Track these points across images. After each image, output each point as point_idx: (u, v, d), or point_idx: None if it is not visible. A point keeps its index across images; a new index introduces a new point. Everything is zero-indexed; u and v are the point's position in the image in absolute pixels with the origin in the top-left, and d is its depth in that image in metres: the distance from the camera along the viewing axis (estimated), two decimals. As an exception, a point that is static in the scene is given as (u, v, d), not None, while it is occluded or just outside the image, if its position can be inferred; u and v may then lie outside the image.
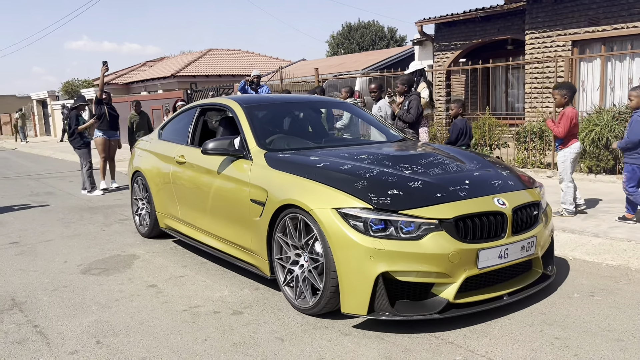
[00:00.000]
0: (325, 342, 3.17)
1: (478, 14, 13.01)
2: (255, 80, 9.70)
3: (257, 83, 9.71)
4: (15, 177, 12.89)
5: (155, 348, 3.18)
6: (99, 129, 9.40)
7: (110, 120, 9.48)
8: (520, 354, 2.94)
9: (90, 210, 7.84)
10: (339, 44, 44.87)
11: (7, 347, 3.28)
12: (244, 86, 9.83)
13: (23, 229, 6.70)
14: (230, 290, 4.14)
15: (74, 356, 3.12)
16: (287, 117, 5.15)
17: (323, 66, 22.73)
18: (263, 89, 9.91)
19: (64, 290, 4.30)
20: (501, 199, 3.48)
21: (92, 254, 5.37)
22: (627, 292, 3.80)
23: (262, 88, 9.92)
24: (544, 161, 8.71)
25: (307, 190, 3.53)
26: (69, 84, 34.66)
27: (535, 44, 11.43)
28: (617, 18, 10.12)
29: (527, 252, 3.54)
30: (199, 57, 30.57)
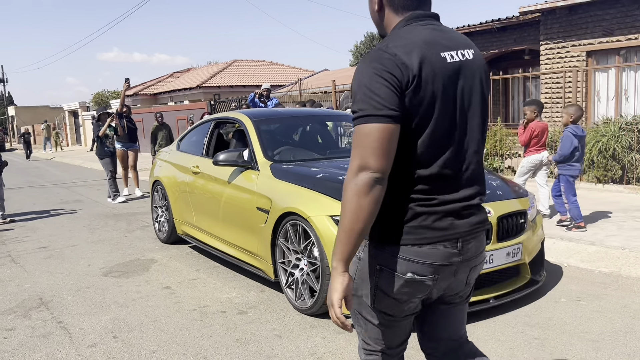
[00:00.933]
0: (320, 339, 3.44)
1: (494, 25, 13.17)
2: (264, 94, 9.96)
3: (266, 96, 9.98)
4: (46, 186, 13.50)
5: (165, 343, 3.50)
6: (118, 141, 9.97)
7: (129, 132, 10.17)
8: (498, 353, 3.17)
9: (114, 217, 8.27)
10: (362, 53, 45.26)
11: (33, 340, 3.64)
12: (253, 99, 10.08)
13: (52, 235, 7.15)
14: (238, 292, 4.45)
15: (92, 349, 3.46)
16: (294, 130, 5.46)
17: (344, 76, 23.07)
18: (272, 101, 10.21)
19: (86, 290, 4.67)
20: (487, 207, 3.71)
21: (113, 258, 5.75)
22: (613, 298, 3.98)
23: (272, 101, 10.21)
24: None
25: (306, 199, 3.82)
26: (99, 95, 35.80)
27: (550, 54, 11.54)
28: (630, 28, 10.19)
29: (512, 258, 3.76)
30: (224, 67, 31.28)
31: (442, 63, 1.61)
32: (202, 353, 3.32)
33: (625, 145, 7.52)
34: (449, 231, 1.66)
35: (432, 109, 1.59)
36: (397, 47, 1.58)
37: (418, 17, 1.68)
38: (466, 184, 1.71)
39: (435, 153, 1.63)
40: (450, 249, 1.67)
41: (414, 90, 1.55)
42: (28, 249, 6.39)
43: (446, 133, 1.64)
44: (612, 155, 7.66)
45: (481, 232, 1.77)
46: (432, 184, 1.64)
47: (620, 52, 10.60)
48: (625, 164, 7.63)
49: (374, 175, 1.53)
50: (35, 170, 19.09)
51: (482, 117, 1.73)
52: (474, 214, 1.73)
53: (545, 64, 11.65)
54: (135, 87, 34.73)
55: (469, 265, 1.76)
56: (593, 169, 7.95)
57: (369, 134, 1.54)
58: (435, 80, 1.58)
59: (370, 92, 1.54)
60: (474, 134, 1.71)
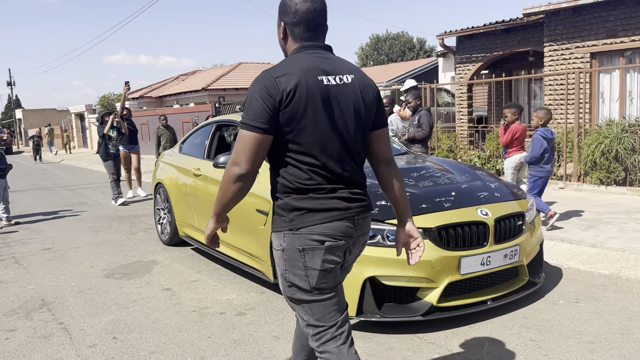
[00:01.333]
0: (317, 341, 3.46)
1: (498, 27, 13.16)
2: None
3: None
4: (51, 188, 13.60)
5: (163, 343, 3.53)
6: (120, 143, 10.10)
7: (130, 134, 10.34)
8: (494, 354, 3.18)
9: (118, 219, 8.33)
10: (367, 55, 45.26)
11: (34, 340, 3.68)
12: None
13: (56, 237, 7.21)
14: (237, 293, 4.48)
15: (92, 349, 3.50)
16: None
17: (349, 79, 23.12)
18: None
19: (88, 292, 4.71)
20: (484, 209, 3.72)
21: (116, 259, 5.79)
22: (612, 300, 3.98)
23: None
24: (557, 173, 8.81)
25: (304, 201, 3.83)
26: (105, 98, 35.99)
27: (554, 56, 11.52)
28: (635, 30, 10.16)
29: (510, 260, 3.76)
30: (230, 70, 31.36)
31: (318, 85, 2.01)
32: (200, 354, 3.35)
33: (628, 147, 7.50)
34: (344, 212, 2.08)
35: (307, 120, 2.00)
36: (280, 71, 2.00)
37: (309, 47, 2.11)
38: (349, 178, 2.12)
39: (323, 155, 2.05)
40: (349, 223, 2.09)
41: (288, 106, 1.96)
42: (32, 250, 6.45)
43: (328, 139, 2.05)
44: (614, 157, 7.64)
45: (367, 214, 2.19)
46: (324, 178, 2.06)
47: (624, 53, 10.57)
48: (628, 166, 7.60)
49: (241, 171, 1.98)
50: (42, 172, 19.23)
51: (358, 126, 2.13)
52: (359, 200, 2.14)
53: (549, 65, 11.63)
54: (141, 89, 34.89)
55: (362, 240, 2.22)
56: (596, 171, 7.93)
57: (244, 139, 1.97)
58: (309, 99, 1.98)
59: (250, 106, 1.98)
60: (353, 140, 2.12)
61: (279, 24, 2.18)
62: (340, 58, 2.16)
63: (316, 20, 2.13)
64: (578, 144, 8.32)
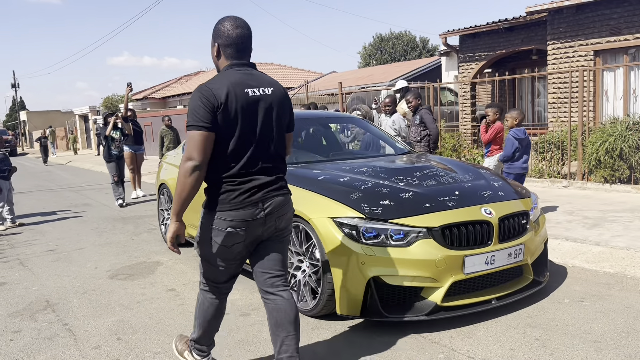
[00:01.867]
0: (321, 341, 3.46)
1: (501, 25, 13.13)
2: None
3: None
4: (56, 190, 13.64)
5: (168, 344, 3.53)
6: (126, 144, 10.17)
7: (135, 135, 10.39)
8: (499, 353, 3.16)
9: (122, 220, 8.34)
10: (370, 55, 45.23)
11: (39, 342, 3.69)
12: None
13: (60, 238, 7.22)
14: (241, 294, 4.47)
15: (97, 350, 3.50)
16: (296, 132, 5.47)
17: (352, 78, 23.11)
18: None
19: (92, 293, 4.72)
20: (488, 208, 3.71)
21: (120, 260, 5.80)
22: (617, 298, 3.96)
23: None
24: (561, 171, 8.78)
25: (308, 201, 3.83)
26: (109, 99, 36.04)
27: (557, 54, 11.48)
28: (638, 27, 10.11)
29: (514, 259, 3.75)
30: (233, 71, 31.34)
31: (244, 95, 2.56)
32: (204, 354, 3.35)
33: (633, 145, 7.46)
34: (252, 199, 2.60)
35: (236, 123, 2.54)
36: (215, 84, 2.54)
37: (237, 65, 2.65)
38: (266, 172, 2.65)
39: (242, 151, 2.58)
40: (255, 209, 2.62)
41: (222, 111, 2.49)
42: (37, 252, 6.47)
43: (249, 138, 2.59)
44: (619, 155, 7.60)
45: (278, 196, 2.70)
46: (241, 171, 2.58)
47: (628, 51, 10.53)
48: (632, 164, 7.57)
49: (195, 163, 2.47)
50: (46, 174, 19.28)
51: (277, 128, 2.69)
52: (270, 187, 2.66)
53: (552, 63, 11.59)
54: (145, 90, 34.95)
55: (274, 217, 2.70)
56: (600, 169, 7.90)
57: (193, 137, 2.48)
58: (237, 106, 2.52)
59: (195, 112, 2.49)
60: (273, 139, 2.68)
61: (212, 44, 2.69)
62: (262, 73, 2.72)
63: (244, 44, 2.66)
64: (582, 142, 8.29)
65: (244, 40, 2.65)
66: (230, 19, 2.65)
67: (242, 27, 2.64)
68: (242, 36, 2.64)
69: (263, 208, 2.64)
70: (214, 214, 2.61)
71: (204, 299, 2.87)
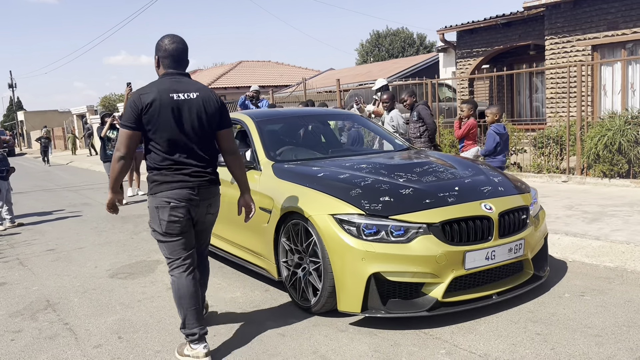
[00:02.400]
0: (322, 338, 3.46)
1: (498, 21, 13.13)
2: (254, 95, 9.90)
3: (256, 98, 9.93)
4: (55, 189, 13.62)
5: (169, 342, 3.53)
6: None
7: None
8: (500, 348, 3.17)
9: (122, 219, 8.33)
10: (368, 52, 45.19)
11: (40, 341, 3.69)
12: (244, 101, 9.99)
13: (60, 237, 7.22)
14: (242, 291, 4.47)
15: (98, 349, 3.50)
16: (296, 130, 5.47)
17: (349, 75, 23.10)
18: (263, 103, 10.19)
19: (93, 292, 4.71)
20: (488, 204, 3.71)
21: (120, 259, 5.80)
22: (617, 292, 3.97)
23: (262, 102, 10.18)
24: (560, 166, 8.79)
25: (307, 198, 3.83)
26: (106, 99, 35.99)
27: (555, 49, 11.49)
28: (636, 21, 10.13)
29: (515, 254, 3.75)
30: (230, 69, 31.38)
31: (169, 99, 3.10)
32: (206, 352, 3.35)
33: (631, 139, 7.47)
34: (186, 183, 3.16)
35: (162, 121, 3.09)
36: (144, 90, 3.11)
37: (169, 74, 3.20)
38: (195, 162, 3.21)
39: (173, 145, 3.14)
40: (190, 191, 3.18)
41: (147, 113, 3.06)
42: (36, 251, 6.46)
43: (177, 135, 3.14)
44: (617, 150, 7.60)
45: (206, 183, 3.26)
46: (174, 162, 3.15)
47: (626, 45, 10.54)
48: (631, 158, 7.57)
49: (120, 154, 3.10)
50: (45, 174, 19.25)
51: (202, 127, 3.20)
52: (200, 176, 3.23)
53: (550, 58, 11.60)
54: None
55: (206, 203, 3.30)
56: (599, 164, 7.90)
57: (121, 133, 3.13)
58: (162, 109, 3.07)
59: (125, 113, 3.12)
60: (198, 135, 3.20)
61: (155, 57, 3.23)
62: (192, 81, 3.24)
63: (179, 56, 3.21)
64: (581, 137, 8.29)
65: (179, 53, 3.20)
66: (169, 36, 3.22)
67: (178, 42, 3.20)
68: (178, 49, 3.19)
69: (195, 193, 3.20)
70: (156, 197, 3.18)
71: (173, 280, 3.24)
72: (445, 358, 3.09)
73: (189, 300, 3.19)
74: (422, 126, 7.04)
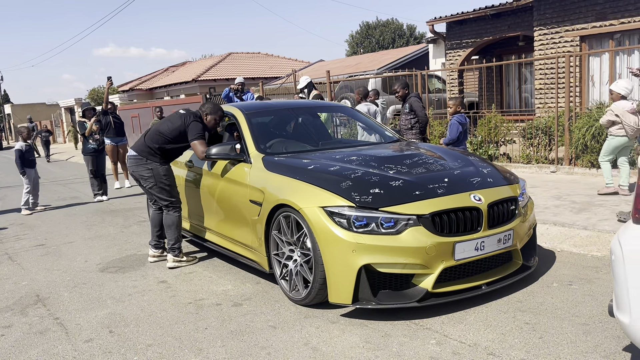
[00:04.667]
0: (314, 329, 3.48)
1: (488, 12, 13.14)
2: (239, 88, 9.84)
3: (241, 90, 9.86)
4: (43, 183, 13.47)
5: (160, 336, 3.53)
6: (106, 136, 10.24)
7: (116, 128, 10.50)
8: (490, 338, 3.20)
9: (111, 213, 8.29)
10: (358, 43, 45.09)
11: (30, 336, 3.68)
12: (228, 94, 9.93)
13: (49, 232, 7.17)
14: (233, 284, 4.48)
15: (89, 344, 3.49)
16: (286, 122, 5.46)
17: (340, 67, 23.04)
18: (248, 95, 10.13)
19: (83, 286, 4.70)
20: (477, 195, 3.73)
21: (110, 253, 5.78)
22: (604, 281, 4.02)
23: (247, 95, 10.12)
24: (549, 157, 8.85)
25: (298, 191, 3.84)
26: (95, 91, 35.67)
27: (544, 40, 11.53)
28: (623, 12, 10.18)
29: (504, 244, 3.78)
30: (220, 61, 31.16)
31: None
32: (197, 345, 3.36)
33: (619, 129, 7.51)
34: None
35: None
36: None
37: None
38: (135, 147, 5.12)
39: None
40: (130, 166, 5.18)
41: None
42: (25, 246, 6.42)
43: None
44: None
45: (136, 163, 5.08)
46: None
47: (613, 36, 10.59)
48: (619, 149, 7.62)
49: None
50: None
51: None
52: (131, 157, 5.12)
53: (539, 49, 11.64)
54: (131, 82, 34.61)
55: (138, 178, 5.16)
56: (587, 154, 7.96)
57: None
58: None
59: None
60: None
61: None
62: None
63: None
64: (569, 127, 8.35)
65: None
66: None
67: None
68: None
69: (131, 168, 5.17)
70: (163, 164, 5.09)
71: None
72: (435, 348, 3.12)
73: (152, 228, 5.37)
74: (413, 118, 7.05)
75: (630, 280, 2.35)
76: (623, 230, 2.53)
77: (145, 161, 5.01)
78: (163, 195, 5.05)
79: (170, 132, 5.00)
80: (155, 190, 5.04)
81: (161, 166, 5.02)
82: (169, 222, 5.08)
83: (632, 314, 2.33)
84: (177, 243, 5.09)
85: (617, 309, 2.48)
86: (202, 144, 4.84)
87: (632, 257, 2.35)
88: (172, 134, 4.99)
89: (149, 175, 5.01)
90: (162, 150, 5.02)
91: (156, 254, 5.32)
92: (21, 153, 8.79)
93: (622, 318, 2.42)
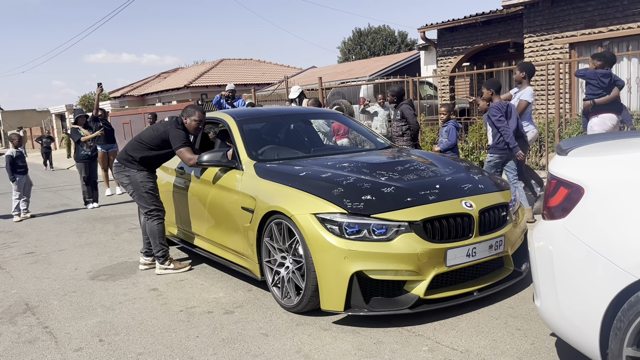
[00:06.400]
0: (306, 337, 3.47)
1: (478, 19, 13.24)
2: (230, 94, 9.80)
3: (232, 97, 9.83)
4: (33, 190, 13.37)
5: (151, 345, 3.51)
6: (97, 143, 10.22)
7: (106, 134, 10.50)
8: (481, 344, 3.20)
9: (102, 220, 8.24)
10: (350, 49, 45.23)
11: (19, 346, 3.63)
12: (219, 100, 9.88)
13: (39, 239, 7.11)
14: (225, 292, 4.46)
15: (78, 353, 3.46)
16: (278, 129, 5.46)
17: (332, 73, 23.09)
18: (239, 102, 10.11)
19: (73, 295, 4.66)
20: (469, 201, 3.74)
21: (101, 261, 5.74)
22: (595, 287, 4.03)
23: (238, 101, 10.09)
24: (539, 162, 8.90)
25: (290, 198, 3.83)
26: (86, 98, 35.53)
27: (534, 47, 11.62)
28: (612, 19, 10.28)
29: (495, 250, 3.79)
30: (212, 67, 31.17)
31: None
32: (189, 354, 3.33)
33: (608, 135, 7.58)
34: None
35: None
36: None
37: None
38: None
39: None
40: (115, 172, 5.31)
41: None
42: (15, 254, 6.36)
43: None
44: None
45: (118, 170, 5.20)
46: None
47: (602, 43, 10.68)
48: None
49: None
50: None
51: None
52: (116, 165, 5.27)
53: (529, 56, 11.72)
54: (123, 88, 34.52)
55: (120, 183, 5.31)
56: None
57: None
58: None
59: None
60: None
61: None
62: None
63: None
64: (559, 133, 8.40)
65: None
66: None
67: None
68: None
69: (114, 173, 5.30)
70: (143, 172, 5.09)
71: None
72: (427, 355, 3.12)
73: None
74: (404, 125, 7.07)
75: (539, 270, 2.66)
76: (536, 226, 2.80)
77: (123, 168, 5.07)
78: (142, 203, 5.09)
79: (152, 140, 5.02)
80: (135, 198, 5.10)
81: (139, 173, 5.03)
82: (149, 231, 5.09)
83: (542, 299, 2.65)
84: (160, 251, 5.07)
85: (535, 296, 2.80)
86: (188, 150, 4.83)
87: (540, 250, 2.66)
88: (153, 141, 5.01)
89: (127, 183, 5.07)
90: (142, 157, 5.04)
91: (147, 262, 5.28)
92: (12, 159, 8.80)
93: (536, 303, 2.74)
